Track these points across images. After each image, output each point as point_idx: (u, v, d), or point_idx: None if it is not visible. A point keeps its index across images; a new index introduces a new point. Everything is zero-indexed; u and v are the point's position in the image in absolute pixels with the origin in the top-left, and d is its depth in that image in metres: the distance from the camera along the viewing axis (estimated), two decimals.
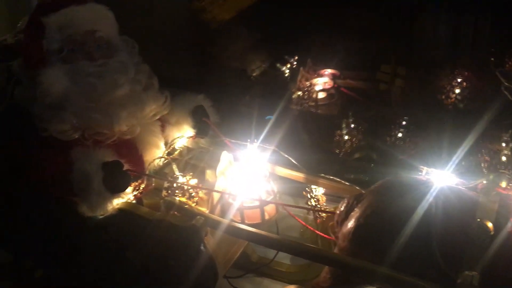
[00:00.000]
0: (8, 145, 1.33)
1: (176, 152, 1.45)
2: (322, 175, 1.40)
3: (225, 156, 1.31)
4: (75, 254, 1.26)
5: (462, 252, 1.00)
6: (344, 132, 1.80)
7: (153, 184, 1.35)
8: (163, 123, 1.49)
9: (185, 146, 1.47)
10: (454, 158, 1.35)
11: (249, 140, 1.37)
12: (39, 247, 1.33)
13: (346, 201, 1.20)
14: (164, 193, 1.29)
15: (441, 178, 1.17)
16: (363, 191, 1.24)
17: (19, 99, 1.36)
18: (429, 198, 1.07)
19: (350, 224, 1.13)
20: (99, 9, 1.42)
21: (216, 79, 2.05)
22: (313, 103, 1.93)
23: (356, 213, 1.14)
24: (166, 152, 1.44)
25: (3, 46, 1.45)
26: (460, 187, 1.16)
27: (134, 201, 1.30)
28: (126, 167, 1.24)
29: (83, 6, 1.40)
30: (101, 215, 1.26)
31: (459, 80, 1.82)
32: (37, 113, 1.29)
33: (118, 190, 1.24)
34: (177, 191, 1.26)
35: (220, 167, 1.29)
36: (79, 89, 1.30)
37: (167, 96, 1.45)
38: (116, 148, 1.33)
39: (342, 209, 1.20)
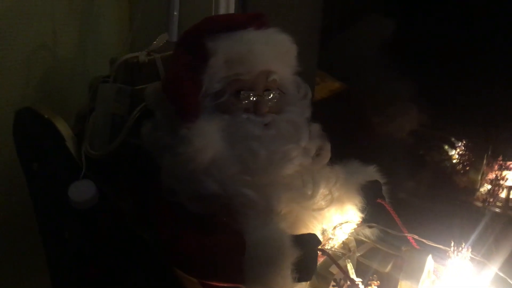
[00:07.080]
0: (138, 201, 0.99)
1: (337, 243, 1.02)
2: None
3: (429, 264, 0.86)
4: None
5: None
6: None
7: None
8: None
9: (350, 236, 1.04)
10: None
11: (453, 244, 0.92)
12: None
13: None
14: None
15: None
16: None
17: (146, 141, 0.96)
18: None
19: None
20: (282, 40, 0.99)
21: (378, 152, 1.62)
22: (500, 204, 1.45)
23: None
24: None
25: (132, 64, 1.13)
26: None
27: None
28: None
29: (263, 32, 0.96)
30: None
31: None
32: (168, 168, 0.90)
33: (305, 278, 0.81)
34: None
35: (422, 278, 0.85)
36: (235, 154, 0.88)
37: (338, 175, 1.00)
38: None
39: None
